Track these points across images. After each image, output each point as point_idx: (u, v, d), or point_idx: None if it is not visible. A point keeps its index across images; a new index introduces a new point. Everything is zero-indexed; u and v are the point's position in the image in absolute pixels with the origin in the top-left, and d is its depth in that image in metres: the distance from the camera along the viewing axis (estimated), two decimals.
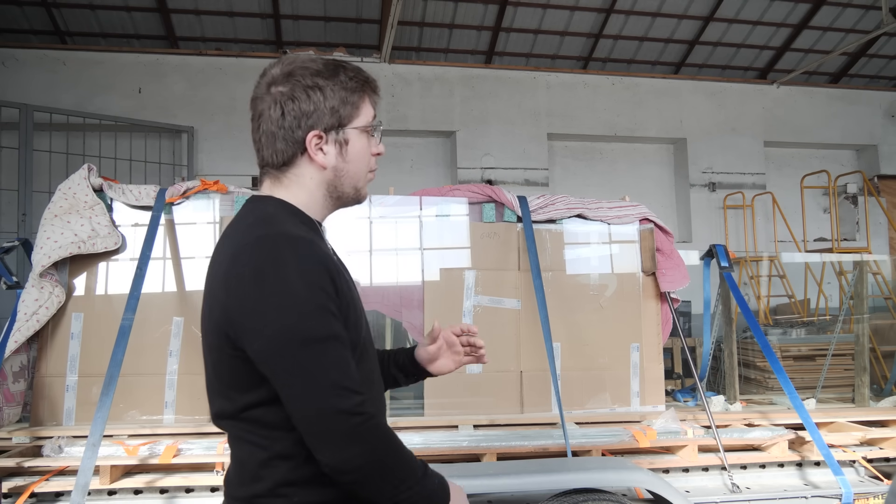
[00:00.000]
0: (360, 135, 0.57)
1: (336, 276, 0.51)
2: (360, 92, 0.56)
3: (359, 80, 0.56)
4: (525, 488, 1.16)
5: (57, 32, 3.52)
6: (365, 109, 0.57)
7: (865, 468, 1.48)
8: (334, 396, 0.47)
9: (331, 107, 0.55)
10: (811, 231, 3.99)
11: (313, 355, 0.47)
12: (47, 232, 1.44)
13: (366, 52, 3.79)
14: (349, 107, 0.55)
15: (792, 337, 2.44)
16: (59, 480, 1.24)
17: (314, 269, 0.49)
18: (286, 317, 0.47)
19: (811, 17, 3.93)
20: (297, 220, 0.54)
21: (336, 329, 0.49)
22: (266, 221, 0.52)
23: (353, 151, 0.56)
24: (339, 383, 0.47)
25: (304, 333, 0.47)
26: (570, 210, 1.66)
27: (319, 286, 0.49)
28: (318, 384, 0.47)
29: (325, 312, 0.48)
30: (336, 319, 0.49)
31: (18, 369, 1.45)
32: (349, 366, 0.49)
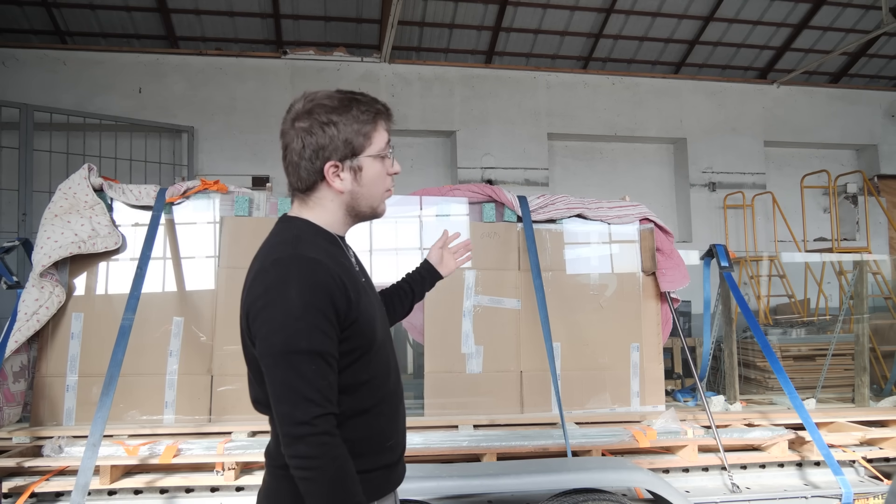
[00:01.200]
0: (374, 161, 0.64)
1: (341, 293, 0.59)
2: (371, 123, 0.64)
3: (370, 112, 0.64)
4: (525, 488, 1.16)
5: (57, 32, 3.52)
6: (377, 137, 0.64)
7: (865, 468, 1.48)
8: (295, 404, 0.55)
9: (344, 139, 0.63)
10: (811, 231, 3.99)
11: (291, 366, 0.56)
12: (47, 232, 1.45)
13: (366, 51, 3.78)
14: (361, 138, 0.63)
15: (792, 337, 2.44)
16: (59, 480, 1.24)
17: (314, 290, 0.57)
18: (278, 330, 0.57)
19: (811, 16, 3.93)
20: (321, 238, 0.64)
21: (321, 346, 0.57)
22: (288, 243, 0.61)
23: (367, 176, 0.65)
24: (305, 394, 0.55)
25: (289, 346, 0.56)
26: (570, 210, 1.66)
27: (315, 306, 0.57)
28: (288, 391, 0.56)
29: (313, 330, 0.56)
30: (326, 337, 0.57)
31: (19, 369, 1.45)
32: (321, 380, 0.56)
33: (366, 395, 0.61)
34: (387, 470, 0.64)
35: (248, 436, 1.39)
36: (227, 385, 1.46)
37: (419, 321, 1.58)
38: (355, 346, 0.60)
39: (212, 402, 1.47)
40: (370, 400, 0.62)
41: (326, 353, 0.57)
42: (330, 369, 0.57)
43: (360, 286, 0.63)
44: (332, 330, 0.57)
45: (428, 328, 1.57)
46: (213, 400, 1.47)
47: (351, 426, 0.60)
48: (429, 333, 1.57)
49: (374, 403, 0.62)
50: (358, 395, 0.61)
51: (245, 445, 1.29)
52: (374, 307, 0.65)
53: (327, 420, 0.55)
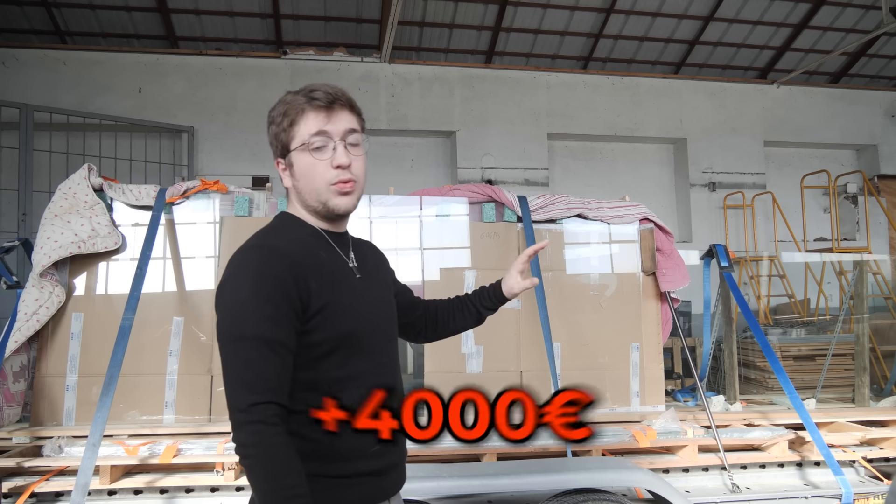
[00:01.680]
0: (301, 154, 0.61)
1: (297, 281, 0.57)
2: (292, 115, 0.61)
3: (293, 103, 0.61)
4: (525, 488, 1.16)
5: (57, 32, 3.52)
6: (300, 129, 0.61)
7: (865, 468, 1.48)
8: (235, 390, 0.55)
9: (274, 136, 0.63)
10: (811, 231, 3.98)
11: (236, 351, 0.56)
12: (47, 232, 1.44)
13: (366, 51, 3.78)
14: (284, 133, 0.62)
15: (792, 337, 2.44)
16: (59, 480, 1.24)
17: (265, 277, 0.56)
18: (227, 315, 0.57)
19: (811, 16, 3.93)
20: (298, 230, 0.63)
21: (267, 333, 0.55)
22: (260, 233, 0.62)
23: (299, 171, 0.62)
24: (245, 381, 0.55)
25: (234, 332, 0.56)
26: (570, 210, 1.66)
27: (265, 293, 0.56)
28: (231, 375, 0.56)
29: (259, 316, 0.55)
30: (273, 325, 0.56)
31: (18, 369, 1.45)
32: (265, 367, 0.55)
33: (343, 394, 0.58)
34: (375, 478, 0.60)
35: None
36: None
37: None
38: (324, 339, 0.58)
39: (212, 402, 1.47)
40: (349, 399, 0.58)
41: (273, 342, 0.55)
42: (277, 358, 0.55)
43: (338, 279, 0.60)
44: (284, 319, 0.55)
45: None
46: (213, 400, 1.46)
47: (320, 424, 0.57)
48: None
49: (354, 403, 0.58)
50: (334, 393, 0.58)
51: None
52: (361, 304, 0.61)
53: (265, 409, 0.53)
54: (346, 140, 0.61)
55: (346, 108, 0.62)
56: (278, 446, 0.53)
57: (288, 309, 0.56)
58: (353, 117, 0.63)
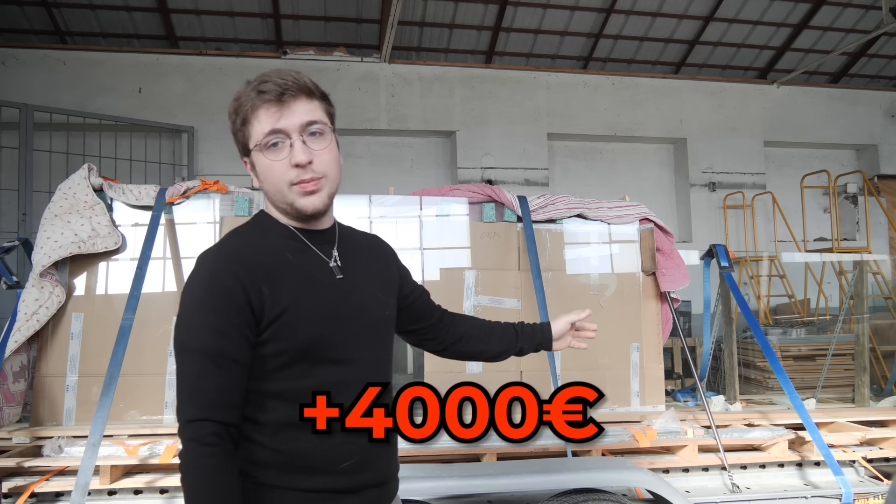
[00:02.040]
0: (258, 154, 0.57)
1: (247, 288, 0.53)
2: (243, 112, 0.56)
3: (243, 99, 0.55)
4: (525, 488, 1.16)
5: (57, 32, 3.52)
6: (254, 128, 0.56)
7: (865, 468, 1.48)
8: (179, 403, 0.53)
9: (234, 134, 0.58)
10: (811, 231, 3.98)
11: (180, 363, 0.54)
12: (47, 232, 1.44)
13: (366, 51, 3.78)
14: (240, 132, 0.57)
15: (792, 337, 2.44)
16: (59, 480, 1.24)
17: (212, 286, 0.53)
18: (177, 325, 0.55)
19: (811, 16, 3.93)
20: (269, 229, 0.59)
21: (210, 345, 0.52)
22: (228, 234, 0.59)
23: (260, 170, 0.58)
24: (184, 395, 0.52)
25: (180, 343, 0.54)
26: (570, 210, 1.66)
27: (209, 303, 0.53)
28: (179, 388, 0.53)
29: (203, 328, 0.53)
30: (218, 336, 0.52)
31: (18, 369, 1.44)
32: (206, 382, 0.52)
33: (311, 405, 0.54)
34: (341, 496, 0.55)
35: None
36: None
37: None
38: (284, 349, 0.53)
39: None
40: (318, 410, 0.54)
41: (217, 354, 0.51)
42: (220, 372, 0.51)
43: (301, 280, 0.55)
44: (232, 328, 0.52)
45: None
46: None
47: (287, 436, 0.53)
48: None
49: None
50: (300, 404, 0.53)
51: None
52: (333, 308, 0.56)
53: (199, 427, 0.50)
54: (303, 134, 0.55)
55: (300, 97, 0.55)
56: (207, 468, 0.49)
57: (237, 319, 0.52)
58: (311, 105, 0.55)
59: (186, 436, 0.51)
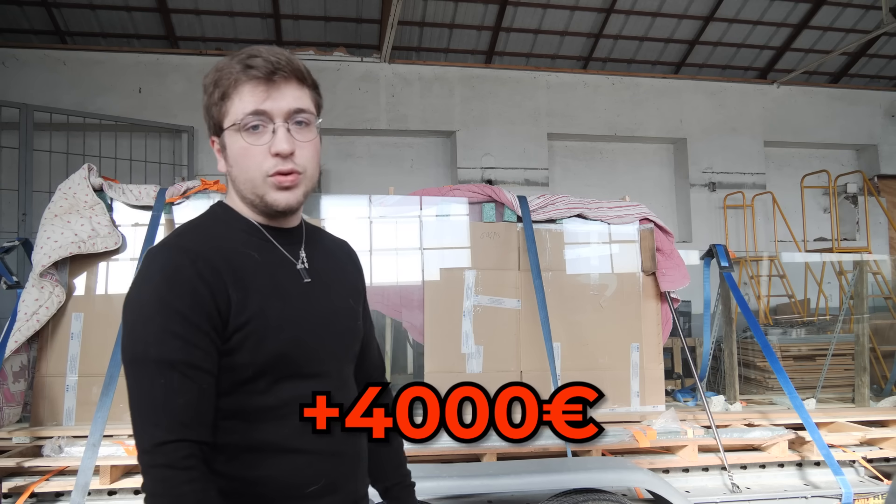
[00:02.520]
0: (233, 135, 0.49)
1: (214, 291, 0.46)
2: (224, 86, 0.49)
3: (226, 71, 0.48)
4: (525, 488, 1.16)
5: (57, 32, 3.52)
6: (234, 105, 0.49)
7: (865, 468, 1.48)
8: (139, 427, 0.45)
9: (205, 107, 0.51)
10: (811, 231, 3.98)
11: (137, 379, 0.46)
12: (47, 232, 1.44)
13: (366, 51, 3.77)
14: (215, 107, 0.50)
15: (792, 337, 2.44)
16: (59, 480, 1.24)
17: (172, 287, 0.46)
18: (128, 334, 0.47)
19: (811, 16, 3.93)
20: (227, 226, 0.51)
21: (175, 355, 0.45)
22: (180, 228, 0.51)
23: (231, 154, 0.50)
24: (147, 415, 0.45)
25: (136, 355, 0.46)
26: (570, 210, 1.66)
27: (171, 306, 0.45)
28: (133, 407, 0.46)
29: (165, 334, 0.45)
30: (183, 344, 0.45)
31: (18, 369, 1.44)
32: (173, 397, 0.44)
33: (273, 425, 0.48)
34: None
35: None
36: None
37: (419, 321, 1.58)
38: (247, 361, 0.47)
39: None
40: (281, 431, 0.48)
41: (184, 364, 0.44)
42: (188, 383, 0.44)
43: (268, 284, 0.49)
44: (200, 337, 0.45)
45: (428, 328, 1.57)
46: None
47: (249, 461, 0.47)
48: (428, 333, 1.57)
49: (289, 435, 0.48)
50: (260, 423, 0.48)
51: None
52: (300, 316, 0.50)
53: (174, 449, 0.43)
54: (289, 121, 0.48)
55: (291, 80, 0.48)
56: (189, 496, 0.42)
57: (204, 324, 0.45)
58: (301, 92, 0.49)
59: (156, 462, 0.43)
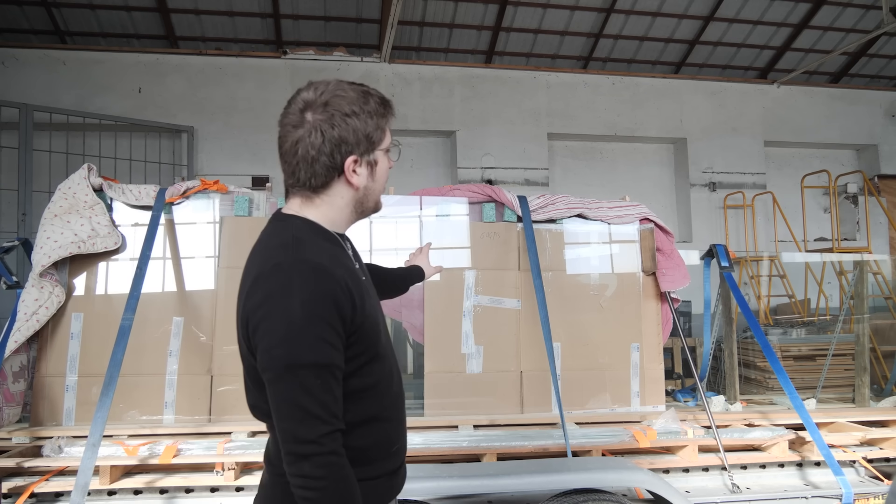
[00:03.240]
0: (385, 155, 0.65)
1: (347, 299, 0.57)
2: (385, 116, 0.64)
3: (384, 106, 0.64)
4: (525, 488, 1.16)
5: (57, 32, 3.52)
6: (387, 133, 0.65)
7: (866, 468, 1.48)
8: (300, 421, 0.53)
9: (365, 133, 0.62)
10: (811, 231, 3.98)
11: (294, 381, 0.53)
12: (47, 232, 1.44)
13: (366, 51, 3.78)
14: (379, 132, 0.63)
15: (792, 337, 2.44)
16: (58, 481, 1.24)
17: (318, 299, 0.55)
18: (281, 342, 0.54)
19: (811, 16, 3.93)
20: (321, 239, 0.61)
21: (326, 358, 0.54)
22: (289, 246, 0.58)
23: (380, 171, 0.65)
24: (310, 410, 0.53)
25: (291, 360, 0.53)
26: (570, 210, 1.66)
27: (319, 316, 0.54)
28: (291, 407, 0.53)
29: (318, 341, 0.54)
30: (331, 348, 0.55)
31: (18, 369, 1.44)
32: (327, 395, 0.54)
33: (372, 401, 0.60)
34: (390, 476, 0.62)
35: (248, 436, 1.39)
36: (227, 385, 1.46)
37: (419, 321, 1.58)
38: (360, 352, 0.58)
39: (212, 403, 1.47)
40: (376, 405, 0.60)
41: (332, 366, 0.54)
42: (336, 382, 0.55)
43: (364, 288, 0.61)
44: (338, 340, 0.55)
45: (428, 328, 1.57)
46: (213, 400, 1.46)
47: (358, 434, 0.58)
48: (429, 333, 1.57)
49: (381, 409, 0.61)
50: (364, 402, 0.59)
51: (245, 446, 1.29)
52: (377, 310, 0.63)
53: (334, 438, 0.53)
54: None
55: None
56: (349, 479, 0.53)
57: (341, 329, 0.55)
58: None
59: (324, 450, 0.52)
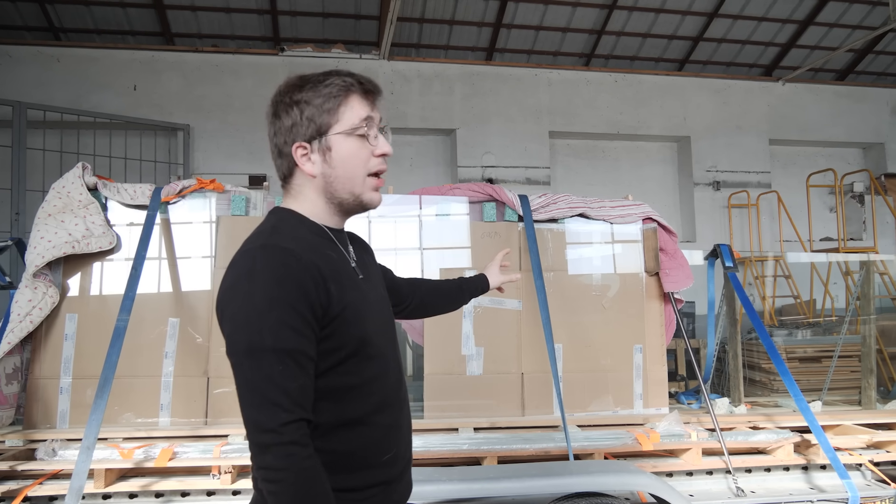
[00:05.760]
0: (346, 139, 0.58)
1: (317, 286, 0.53)
2: (339, 97, 0.58)
3: (340, 85, 0.57)
4: (526, 492, 1.14)
5: (51, 29, 3.49)
6: (348, 113, 0.58)
7: (872, 472, 1.46)
8: (259, 408, 0.50)
9: (307, 117, 0.57)
10: (817, 230, 3.95)
11: (256, 366, 0.50)
12: (41, 231, 1.42)
13: (364, 48, 3.74)
14: (326, 114, 0.57)
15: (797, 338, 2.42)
16: (52, 484, 1.22)
17: (282, 282, 0.51)
18: (242, 326, 0.51)
19: (817, 13, 3.88)
20: (303, 228, 0.58)
21: (290, 344, 0.51)
22: (263, 233, 0.57)
23: (338, 157, 0.58)
24: (269, 397, 0.50)
25: (253, 344, 0.51)
26: (572, 209, 1.64)
27: (283, 300, 0.51)
28: (252, 393, 0.50)
29: (280, 326, 0.50)
30: (296, 335, 0.51)
31: (12, 371, 1.43)
32: (291, 382, 0.50)
33: (356, 404, 0.56)
34: (385, 487, 0.58)
35: (244, 439, 1.37)
36: (224, 387, 1.45)
37: (419, 322, 1.56)
38: (339, 346, 0.54)
39: (208, 405, 1.45)
40: (363, 408, 0.56)
41: (297, 353, 0.51)
42: (302, 371, 0.51)
43: (349, 281, 0.57)
44: (307, 327, 0.51)
45: (428, 330, 1.55)
46: (210, 402, 1.45)
47: (339, 437, 0.55)
48: (428, 335, 1.55)
49: (369, 412, 0.57)
50: (347, 402, 0.55)
51: (242, 448, 1.28)
52: (368, 306, 0.58)
53: (297, 427, 0.49)
54: (383, 130, 0.60)
55: (380, 98, 0.61)
56: (311, 469, 0.50)
57: (309, 316, 0.51)
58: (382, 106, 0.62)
59: (284, 439, 0.49)
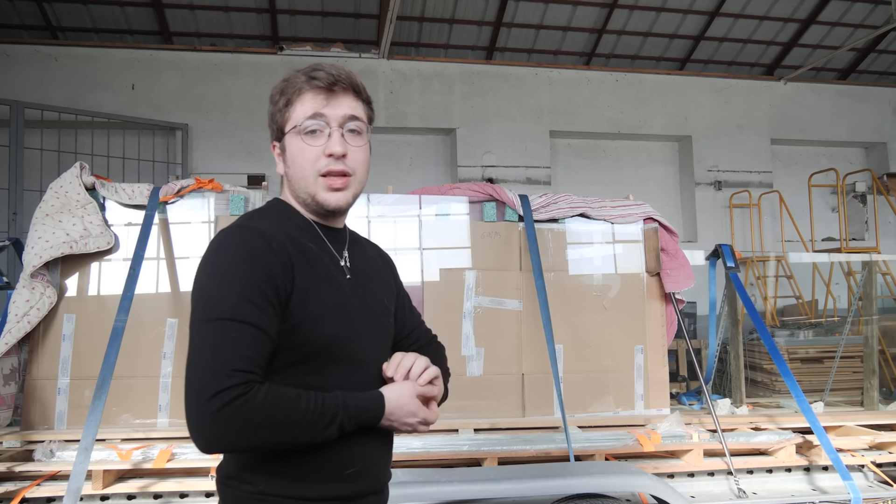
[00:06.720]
0: (293, 137, 0.56)
1: (283, 267, 0.51)
2: (289, 94, 0.56)
3: (292, 81, 0.56)
4: (527, 493, 1.13)
5: (48, 27, 3.48)
6: (296, 111, 0.56)
7: (874, 473, 1.46)
8: (206, 369, 0.46)
9: (270, 115, 0.58)
10: (819, 230, 3.94)
11: (209, 332, 0.48)
12: (38, 231, 1.42)
13: (364, 47, 3.74)
14: (280, 114, 0.57)
15: (799, 339, 2.42)
16: (50, 485, 1.21)
17: (246, 259, 0.50)
18: (202, 299, 0.50)
19: (819, 12, 3.87)
20: (284, 217, 0.57)
21: (247, 317, 0.48)
22: (246, 216, 0.57)
23: (290, 156, 0.57)
24: (220, 359, 0.46)
25: (209, 313, 0.49)
26: (572, 209, 1.63)
27: (245, 275, 0.49)
28: (207, 356, 0.47)
29: (240, 300, 0.49)
30: (257, 310, 0.49)
31: (9, 372, 1.42)
32: (239, 348, 0.47)
33: None
34: (345, 502, 0.53)
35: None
36: None
37: None
38: (301, 342, 0.51)
39: None
40: None
41: (255, 327, 0.48)
42: (258, 344, 0.47)
43: (326, 277, 0.54)
44: (267, 304, 0.49)
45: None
46: None
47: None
48: None
49: None
50: None
51: None
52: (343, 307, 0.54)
53: (245, 377, 0.46)
54: (344, 127, 0.55)
55: (349, 92, 0.56)
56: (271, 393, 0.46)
57: (273, 296, 0.49)
58: (357, 104, 0.57)
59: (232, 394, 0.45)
